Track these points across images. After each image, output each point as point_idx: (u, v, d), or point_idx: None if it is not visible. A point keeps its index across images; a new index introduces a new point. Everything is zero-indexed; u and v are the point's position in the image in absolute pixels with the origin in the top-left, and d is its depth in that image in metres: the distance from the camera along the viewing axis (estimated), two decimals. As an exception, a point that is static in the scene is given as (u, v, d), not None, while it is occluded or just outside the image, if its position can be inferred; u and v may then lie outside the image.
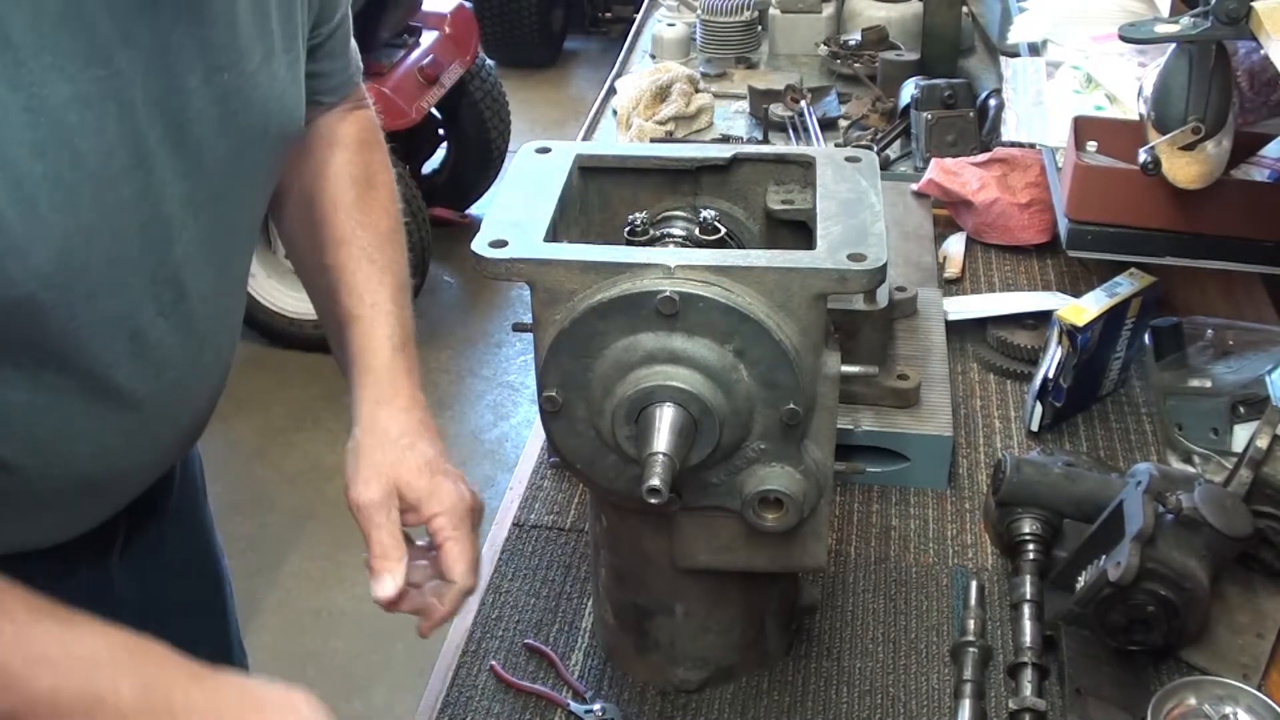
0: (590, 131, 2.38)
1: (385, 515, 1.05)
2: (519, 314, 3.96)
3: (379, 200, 1.22)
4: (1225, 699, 1.08)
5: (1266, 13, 1.19)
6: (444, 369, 3.83)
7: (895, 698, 1.17)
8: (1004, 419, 1.54)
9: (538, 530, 1.39)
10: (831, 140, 2.23)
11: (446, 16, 4.04)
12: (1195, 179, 1.43)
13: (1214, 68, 1.36)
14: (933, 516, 1.40)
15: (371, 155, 1.24)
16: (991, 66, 2.45)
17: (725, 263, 0.95)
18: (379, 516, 1.05)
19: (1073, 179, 1.58)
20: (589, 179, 1.13)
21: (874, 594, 1.29)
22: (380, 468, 1.06)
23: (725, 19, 2.60)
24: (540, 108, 5.61)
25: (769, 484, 0.99)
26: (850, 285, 0.94)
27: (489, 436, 3.55)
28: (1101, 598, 1.12)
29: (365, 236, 1.17)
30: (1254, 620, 1.21)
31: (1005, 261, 1.87)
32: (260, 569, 3.08)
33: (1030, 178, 1.90)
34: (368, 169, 1.23)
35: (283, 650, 2.86)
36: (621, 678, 1.21)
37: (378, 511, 1.05)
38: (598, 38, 6.28)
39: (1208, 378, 1.46)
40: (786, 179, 1.14)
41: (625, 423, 0.95)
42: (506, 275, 0.96)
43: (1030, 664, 1.14)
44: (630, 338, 0.94)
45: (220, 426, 3.56)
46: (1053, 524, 1.25)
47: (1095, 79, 1.83)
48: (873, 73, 2.43)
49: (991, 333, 1.65)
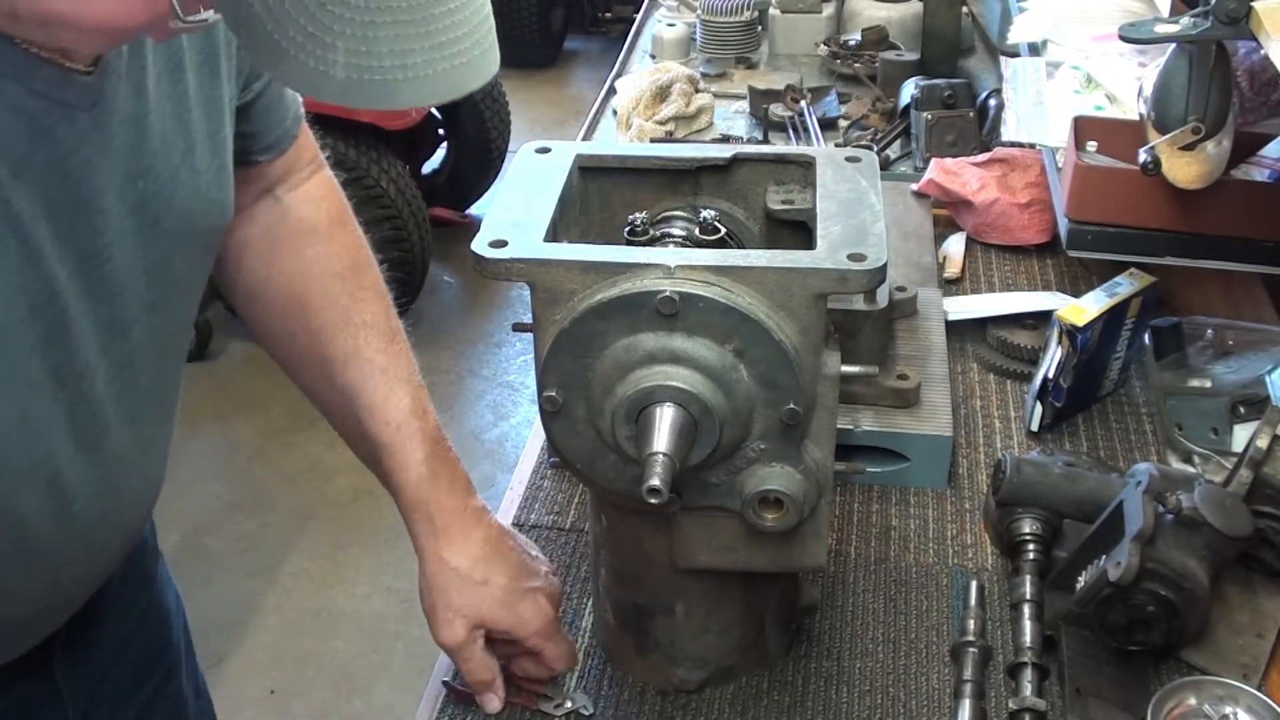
0: (590, 131, 2.38)
1: (473, 650, 1.10)
2: (519, 314, 3.96)
3: (368, 284, 1.16)
4: (1225, 699, 1.08)
5: (1266, 13, 1.19)
6: (444, 369, 3.83)
7: (895, 698, 1.17)
8: (1004, 419, 1.54)
9: (538, 530, 1.39)
10: (831, 140, 2.23)
11: (447, 16, 4.03)
12: (1195, 179, 1.43)
13: (1214, 68, 1.36)
14: (933, 516, 1.40)
15: (347, 233, 1.18)
16: (991, 66, 2.45)
17: (725, 263, 0.94)
18: (466, 652, 1.10)
19: (1073, 179, 1.58)
20: (589, 179, 1.13)
21: (874, 594, 1.29)
22: (459, 610, 1.09)
23: (725, 19, 2.60)
24: (540, 108, 5.61)
25: (769, 484, 0.99)
26: (850, 285, 0.94)
27: (489, 436, 3.56)
28: (1101, 598, 1.12)
29: (370, 341, 1.13)
30: (1254, 620, 1.21)
31: (1005, 261, 1.87)
32: (260, 569, 3.08)
33: (1030, 178, 1.90)
34: (349, 253, 1.16)
35: (283, 650, 2.86)
36: (621, 678, 1.21)
37: (464, 649, 1.10)
38: (598, 38, 6.28)
39: (1208, 378, 1.46)
40: (786, 179, 1.14)
41: (625, 423, 0.95)
42: (506, 275, 0.96)
43: (1030, 664, 1.14)
44: (630, 338, 0.94)
45: (220, 426, 3.59)
46: (1053, 524, 1.25)
47: (1095, 79, 1.83)
48: (873, 73, 2.43)
49: (991, 333, 1.65)
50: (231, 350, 3.85)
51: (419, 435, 1.12)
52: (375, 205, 3.55)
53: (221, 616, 2.96)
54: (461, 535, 1.10)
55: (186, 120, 0.94)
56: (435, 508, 1.10)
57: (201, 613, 2.96)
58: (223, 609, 2.98)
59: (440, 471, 1.12)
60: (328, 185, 1.20)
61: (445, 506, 1.11)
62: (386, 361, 1.12)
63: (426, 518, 1.10)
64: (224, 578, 3.07)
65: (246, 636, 2.91)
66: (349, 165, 3.51)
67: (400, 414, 1.11)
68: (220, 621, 2.94)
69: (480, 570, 1.09)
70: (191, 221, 0.96)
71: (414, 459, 1.11)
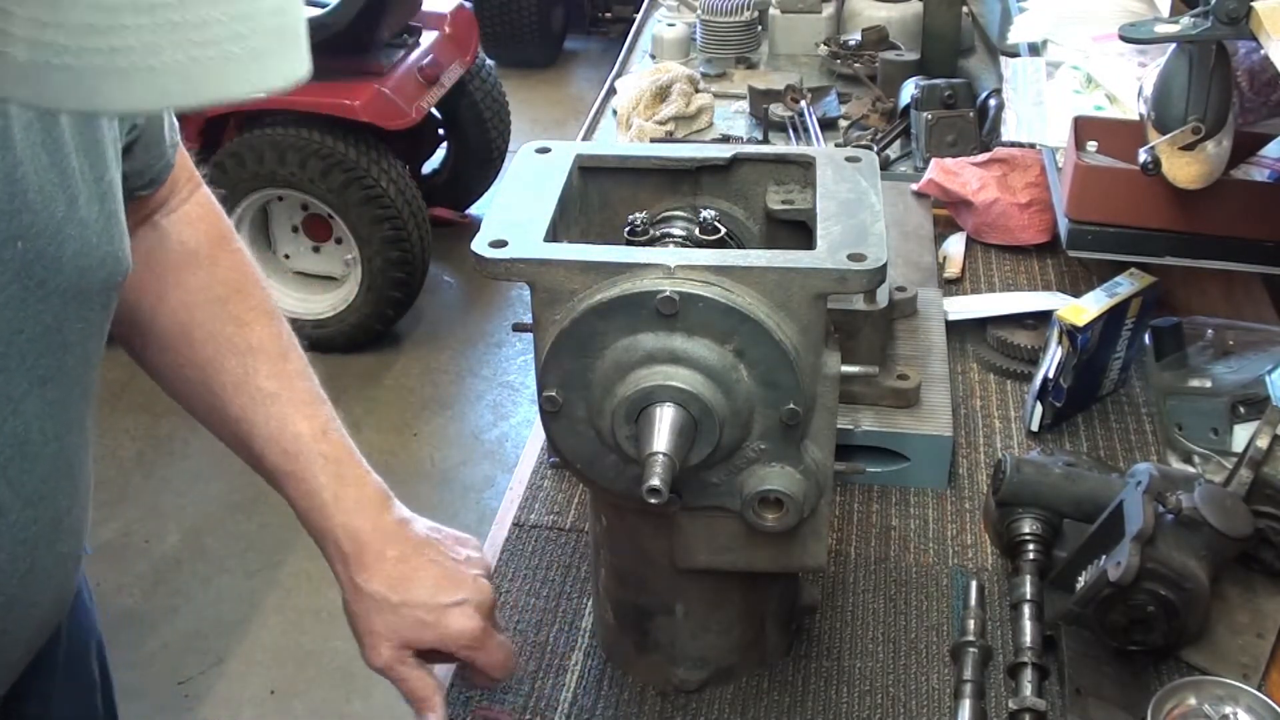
0: (590, 131, 2.38)
1: (404, 670, 1.06)
2: (519, 314, 3.96)
3: (254, 305, 1.10)
4: (1225, 699, 1.08)
5: (1266, 13, 1.19)
6: (444, 369, 3.83)
7: (895, 698, 1.17)
8: (1004, 419, 1.54)
9: (538, 530, 1.39)
10: (831, 140, 2.23)
11: (446, 16, 4.04)
12: (1195, 179, 1.43)
13: (1214, 68, 1.36)
14: (933, 516, 1.40)
15: (229, 253, 1.12)
16: (991, 66, 2.45)
17: (725, 263, 0.94)
18: (398, 672, 1.07)
19: (1073, 179, 1.58)
20: (589, 179, 1.13)
21: (874, 594, 1.29)
22: (381, 634, 1.06)
23: (725, 19, 2.60)
24: (540, 108, 5.61)
25: (769, 484, 0.99)
26: (850, 285, 0.94)
27: (489, 436, 3.55)
28: (1101, 598, 1.12)
29: (259, 367, 1.08)
30: (1254, 620, 1.21)
31: (1005, 261, 1.87)
32: (260, 569, 3.08)
33: (1030, 178, 1.90)
34: (233, 275, 1.11)
35: (283, 650, 2.86)
36: (621, 678, 1.21)
37: (394, 670, 1.07)
38: (598, 38, 6.28)
39: (1208, 378, 1.46)
40: (786, 179, 1.14)
41: (625, 423, 0.95)
42: (506, 275, 0.96)
43: (1030, 664, 1.14)
44: (630, 338, 0.94)
45: (220, 426, 3.58)
46: (1053, 524, 1.25)
47: (1095, 79, 1.83)
48: (873, 73, 2.44)
49: (991, 333, 1.65)
50: (231, 350, 3.85)
51: (319, 460, 1.07)
52: (375, 205, 3.55)
53: (221, 616, 2.96)
54: (374, 558, 1.06)
55: (66, 169, 0.85)
56: (343, 533, 1.06)
57: (201, 613, 2.97)
58: (223, 609, 2.98)
59: (345, 494, 1.07)
60: (206, 205, 1.14)
61: (354, 530, 1.06)
62: (278, 386, 1.08)
63: (336, 544, 1.07)
64: (224, 578, 3.07)
65: (246, 636, 2.91)
66: (349, 165, 3.51)
67: (297, 441, 1.07)
68: (220, 621, 2.94)
69: (397, 592, 1.05)
70: (84, 279, 0.88)
71: (316, 485, 1.07)
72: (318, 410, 1.09)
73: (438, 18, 4.02)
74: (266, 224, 3.82)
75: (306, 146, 3.50)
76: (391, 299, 3.71)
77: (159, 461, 3.42)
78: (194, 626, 2.94)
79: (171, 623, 2.95)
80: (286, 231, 3.82)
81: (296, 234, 3.82)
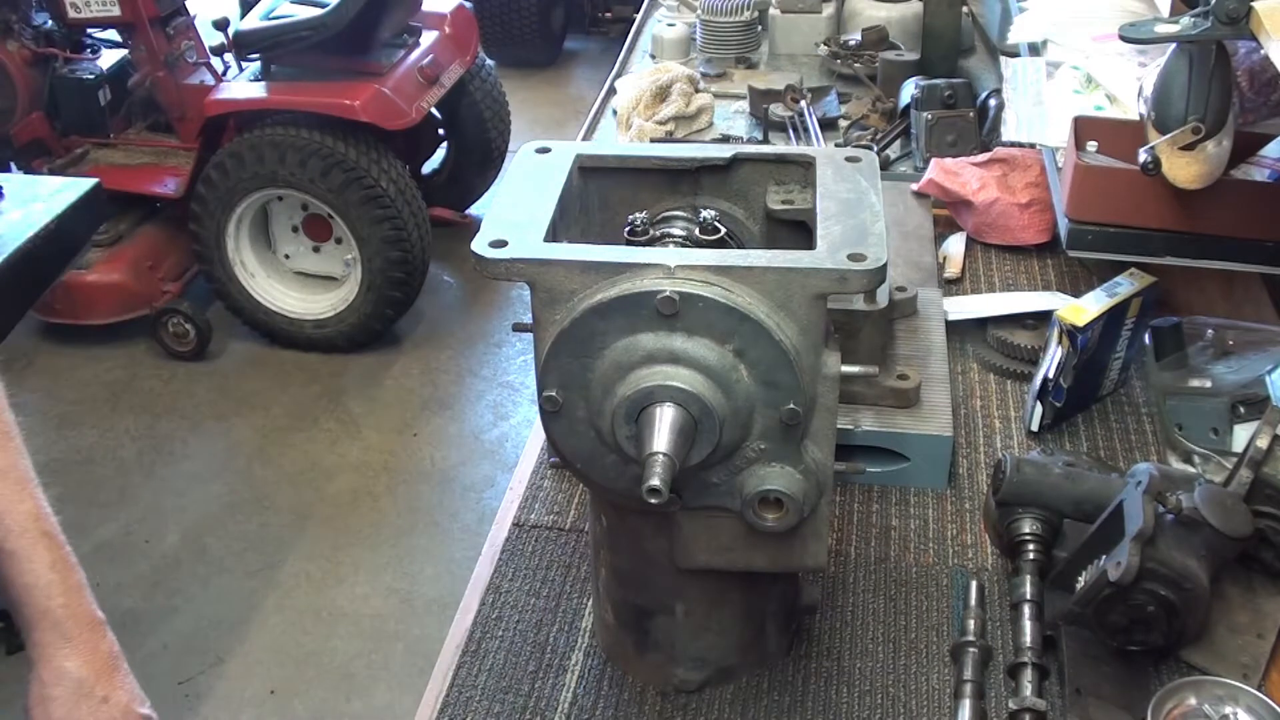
0: (590, 131, 2.38)
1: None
2: (519, 314, 3.97)
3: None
4: (1225, 699, 1.08)
5: (1266, 13, 1.19)
6: (444, 369, 3.83)
7: (895, 698, 1.17)
8: (1004, 419, 1.54)
9: (538, 530, 1.39)
10: (831, 140, 2.23)
11: (446, 16, 4.04)
12: (1195, 179, 1.43)
13: (1214, 68, 1.36)
14: (933, 516, 1.40)
15: None
16: (991, 66, 2.45)
17: (725, 263, 0.95)
18: None
19: (1073, 179, 1.58)
20: (589, 179, 1.13)
21: (874, 594, 1.29)
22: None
23: (725, 19, 2.61)
24: (540, 108, 5.61)
25: (769, 484, 0.99)
26: (850, 285, 0.94)
27: (489, 436, 3.55)
28: (1101, 598, 1.12)
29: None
30: (1254, 620, 1.21)
31: (1005, 261, 1.87)
32: (260, 569, 3.08)
33: (1030, 178, 1.90)
34: None
35: (283, 650, 2.86)
36: (621, 678, 1.21)
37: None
38: (598, 38, 6.28)
39: (1208, 378, 1.46)
40: (786, 179, 1.14)
41: (625, 423, 0.95)
42: (506, 275, 0.96)
43: (1030, 664, 1.14)
44: (630, 338, 0.94)
45: (220, 426, 3.58)
46: (1053, 524, 1.25)
47: (1095, 79, 1.83)
48: (873, 73, 2.44)
49: (991, 333, 1.65)
50: (231, 350, 3.85)
51: (44, 540, 1.06)
52: (375, 205, 3.55)
53: (221, 616, 2.96)
54: (89, 647, 1.05)
55: None
56: (65, 614, 1.05)
57: (201, 613, 2.98)
58: (223, 609, 2.98)
59: (69, 577, 1.06)
60: None
61: (75, 614, 1.05)
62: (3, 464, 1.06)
63: (54, 624, 1.05)
64: (224, 578, 3.07)
65: (246, 636, 2.91)
66: (349, 165, 3.51)
67: (23, 519, 1.05)
68: (220, 621, 2.94)
69: (103, 686, 1.05)
70: None
71: (42, 564, 1.05)
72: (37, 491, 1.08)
73: (438, 18, 4.02)
74: (266, 224, 3.82)
75: (306, 146, 3.50)
76: (391, 299, 3.71)
77: (159, 461, 3.42)
78: (194, 626, 2.94)
79: (171, 623, 2.95)
80: (286, 231, 3.82)
81: (296, 234, 3.82)
